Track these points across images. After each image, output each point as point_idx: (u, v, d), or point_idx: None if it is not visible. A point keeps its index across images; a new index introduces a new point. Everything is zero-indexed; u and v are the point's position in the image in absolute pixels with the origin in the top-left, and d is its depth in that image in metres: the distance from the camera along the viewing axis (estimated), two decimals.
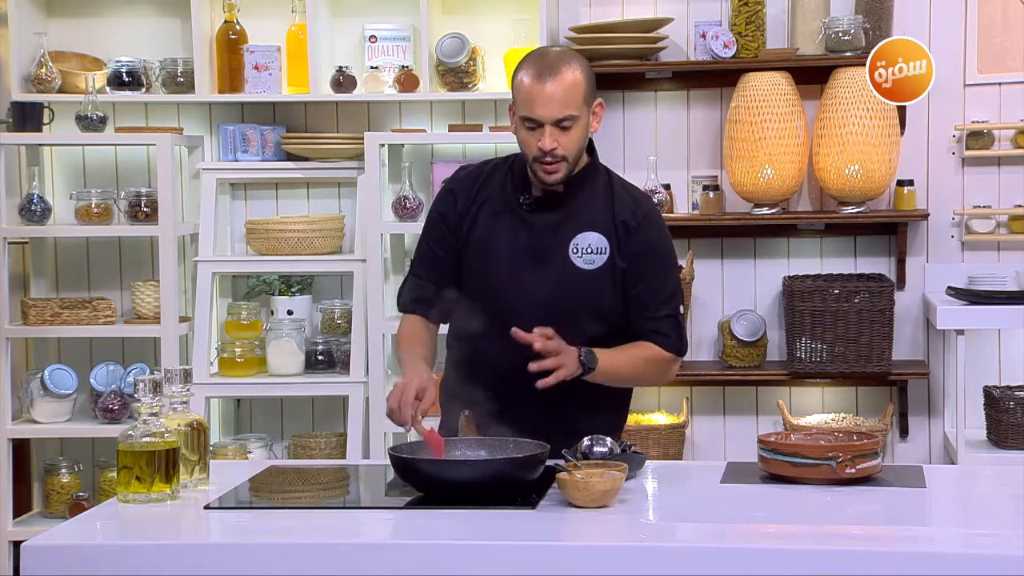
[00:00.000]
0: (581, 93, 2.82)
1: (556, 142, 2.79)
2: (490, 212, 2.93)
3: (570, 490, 2.42)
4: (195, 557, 2.29)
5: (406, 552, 2.27)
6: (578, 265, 2.87)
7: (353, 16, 4.82)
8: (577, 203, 2.90)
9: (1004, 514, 2.48)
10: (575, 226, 2.89)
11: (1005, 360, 4.67)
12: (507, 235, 2.90)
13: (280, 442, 4.89)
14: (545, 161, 2.81)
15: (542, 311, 2.82)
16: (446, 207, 2.99)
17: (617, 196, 2.93)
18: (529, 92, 2.80)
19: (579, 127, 2.83)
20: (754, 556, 2.17)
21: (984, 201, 4.65)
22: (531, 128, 2.81)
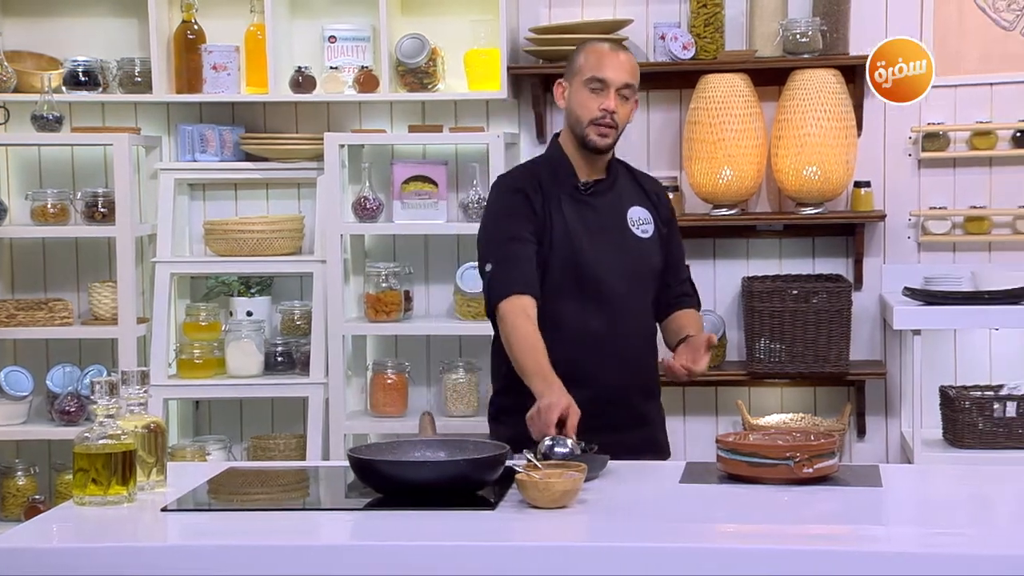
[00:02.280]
0: (638, 76, 3.18)
1: (617, 107, 3.09)
2: (559, 203, 3.16)
3: (529, 491, 2.43)
4: (152, 559, 2.28)
5: (365, 553, 2.26)
6: (638, 235, 3.20)
7: (312, 16, 4.81)
8: (618, 184, 3.24)
9: (960, 513, 2.51)
10: (626, 202, 3.22)
11: (961, 360, 4.71)
12: (579, 219, 3.14)
13: (239, 444, 4.87)
14: (603, 122, 3.09)
15: (625, 279, 3.15)
16: (526, 203, 3.14)
17: (638, 175, 3.33)
18: (602, 57, 3.11)
19: (631, 104, 3.15)
20: (712, 556, 2.18)
21: (940, 202, 4.69)
22: (596, 90, 3.09)
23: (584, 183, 3.19)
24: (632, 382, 3.17)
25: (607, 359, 3.11)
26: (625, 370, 3.14)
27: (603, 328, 3.10)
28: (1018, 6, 4.63)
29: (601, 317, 3.10)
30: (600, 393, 3.08)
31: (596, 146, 3.12)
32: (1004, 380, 4.56)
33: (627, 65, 3.12)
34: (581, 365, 3.08)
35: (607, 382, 3.11)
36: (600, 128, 3.09)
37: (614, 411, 3.11)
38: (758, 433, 2.82)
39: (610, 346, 3.11)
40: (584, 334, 3.09)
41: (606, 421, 3.06)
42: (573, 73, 3.16)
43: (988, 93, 4.64)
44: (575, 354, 3.07)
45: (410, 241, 4.85)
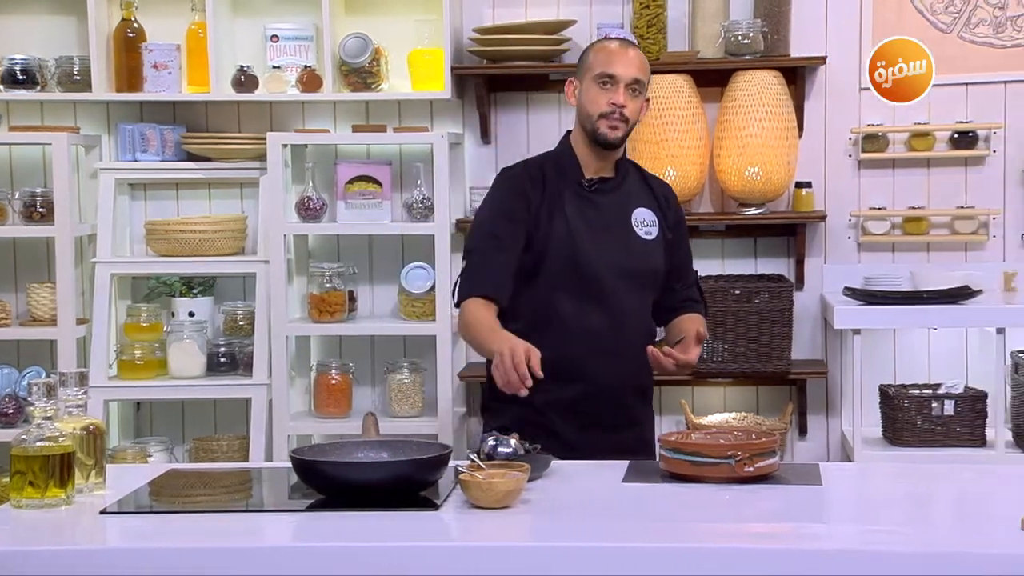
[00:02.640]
0: (648, 72, 3.19)
1: (626, 102, 3.10)
2: (562, 200, 3.16)
3: (473, 491, 2.42)
4: (90, 562, 2.25)
5: (308, 555, 2.25)
6: (641, 236, 3.20)
7: (254, 15, 4.78)
8: (626, 184, 3.24)
9: (899, 511, 2.54)
10: (632, 202, 3.22)
11: (900, 359, 4.76)
12: (582, 217, 3.15)
13: (181, 445, 4.83)
14: (613, 116, 3.10)
15: (625, 278, 3.15)
16: (518, 201, 3.15)
17: (649, 177, 3.33)
18: (612, 53, 3.14)
19: (641, 100, 3.16)
20: (654, 555, 2.18)
21: (879, 203, 4.75)
22: (605, 85, 3.11)
23: (589, 180, 3.19)
24: (626, 382, 3.17)
25: (602, 357, 3.11)
26: (620, 369, 3.14)
27: (600, 325, 3.10)
28: (955, 9, 4.69)
29: (598, 314, 3.10)
30: (593, 390, 3.11)
31: (607, 139, 3.13)
32: (942, 379, 4.62)
33: (636, 61, 3.14)
34: (575, 361, 3.09)
35: (601, 380, 3.12)
36: (610, 121, 3.11)
37: (606, 410, 3.14)
38: (700, 432, 2.84)
39: (606, 344, 3.11)
40: (580, 330, 3.09)
41: (597, 419, 3.11)
42: (583, 70, 3.17)
43: (926, 94, 4.69)
44: (570, 350, 3.08)
45: (354, 241, 4.83)
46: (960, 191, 4.73)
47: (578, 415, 3.11)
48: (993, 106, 4.67)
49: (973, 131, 4.67)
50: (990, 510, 2.51)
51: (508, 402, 3.09)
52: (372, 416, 2.89)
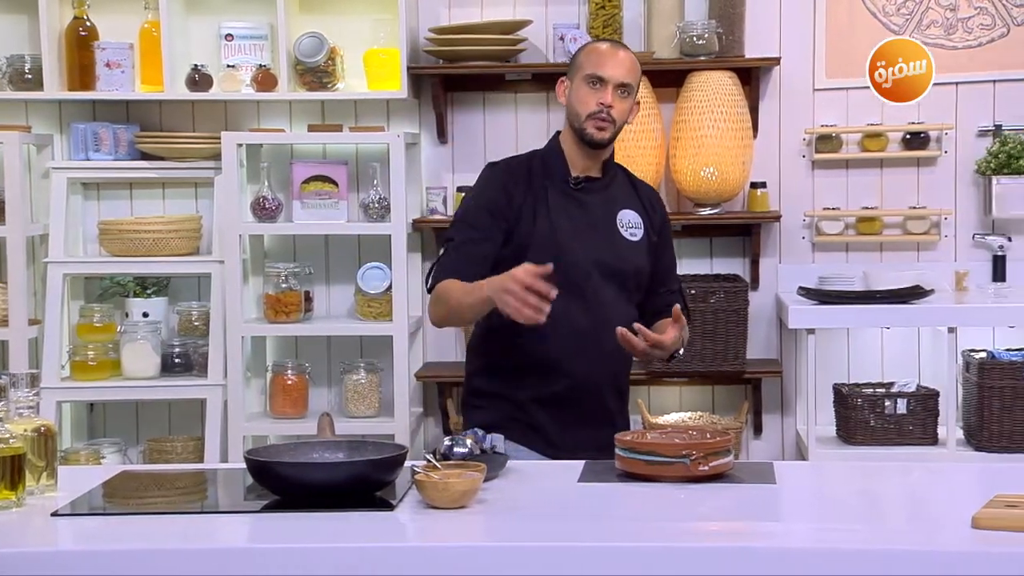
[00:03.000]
0: (638, 75, 3.21)
1: (614, 103, 3.13)
2: (547, 197, 3.16)
3: (428, 491, 2.42)
4: (42, 565, 2.23)
5: (262, 556, 2.24)
6: (626, 237, 3.21)
7: (208, 14, 4.75)
8: (613, 185, 3.26)
9: (852, 509, 2.55)
10: (618, 203, 3.24)
11: (854, 358, 4.80)
12: (566, 215, 3.16)
13: (135, 446, 4.80)
14: (600, 116, 3.13)
15: (608, 277, 3.15)
16: (499, 195, 3.15)
17: (636, 180, 3.34)
18: (602, 55, 3.17)
19: (630, 102, 3.18)
20: (609, 554, 2.19)
21: (833, 203, 4.78)
22: (594, 85, 3.13)
23: (575, 178, 3.19)
24: (606, 380, 3.18)
25: (584, 353, 3.11)
26: (601, 367, 3.14)
27: (582, 322, 3.10)
28: (907, 11, 4.73)
29: (580, 311, 3.10)
30: (575, 387, 3.12)
31: (593, 139, 3.14)
32: (895, 378, 4.66)
33: (626, 63, 3.16)
34: (558, 357, 3.10)
35: (583, 377, 3.12)
36: (597, 122, 3.13)
37: (587, 407, 3.14)
38: (656, 432, 2.84)
39: (588, 341, 3.11)
40: (564, 327, 3.07)
41: (579, 416, 3.11)
42: (574, 71, 3.19)
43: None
44: (552, 346, 3.08)
45: (310, 241, 4.82)
46: (912, 191, 4.77)
47: (561, 411, 3.12)
48: (944, 107, 4.72)
49: (925, 132, 4.72)
50: (942, 508, 2.53)
51: (490, 398, 3.14)
52: (328, 416, 2.88)
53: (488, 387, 3.19)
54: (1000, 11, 4.71)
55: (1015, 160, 4.60)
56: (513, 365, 3.14)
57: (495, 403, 3.14)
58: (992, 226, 4.75)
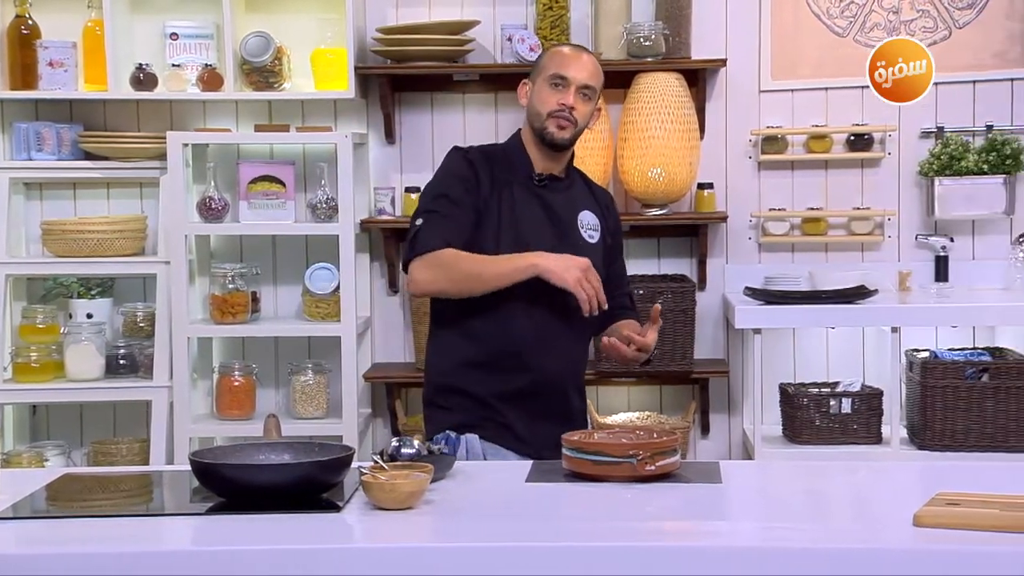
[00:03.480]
0: (601, 80, 3.23)
1: (576, 104, 3.13)
2: (511, 187, 3.16)
3: (375, 492, 2.41)
4: None
5: (207, 558, 2.22)
6: (585, 238, 3.22)
7: (153, 12, 4.72)
8: (573, 186, 3.28)
9: (797, 508, 2.57)
10: (578, 204, 3.25)
11: (799, 358, 4.84)
12: (529, 208, 3.16)
13: (79, 449, 4.75)
14: (562, 115, 3.13)
15: None
16: (470, 173, 3.14)
17: (593, 185, 3.37)
18: (566, 57, 3.18)
19: (592, 105, 3.20)
20: (556, 554, 2.19)
21: (779, 204, 4.82)
22: (557, 86, 3.14)
23: (539, 175, 3.19)
24: (568, 375, 3.20)
25: (548, 350, 3.12)
26: (563, 362, 3.17)
27: (547, 318, 3.10)
28: (851, 13, 4.78)
29: (544, 308, 3.09)
30: (540, 383, 3.13)
31: (554, 139, 3.14)
32: (840, 377, 4.70)
33: (589, 67, 3.17)
34: (524, 351, 3.11)
35: (547, 371, 3.13)
36: (559, 120, 3.12)
37: (551, 401, 3.15)
38: (603, 432, 2.85)
39: (552, 335, 3.12)
40: (528, 322, 3.10)
41: (543, 412, 3.12)
42: (537, 72, 3.19)
43: (823, 97, 4.78)
44: (518, 339, 3.10)
45: (257, 242, 4.79)
46: (856, 192, 4.82)
47: (526, 407, 3.12)
48: (887, 109, 4.76)
49: (868, 133, 4.76)
50: (885, 507, 2.56)
51: (458, 396, 3.13)
52: (274, 418, 2.86)
53: (453, 385, 3.16)
54: (942, 14, 4.76)
55: (957, 162, 4.66)
56: (478, 361, 3.13)
57: (463, 403, 3.13)
58: (935, 227, 4.80)
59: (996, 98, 4.72)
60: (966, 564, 2.12)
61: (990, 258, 4.79)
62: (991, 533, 2.18)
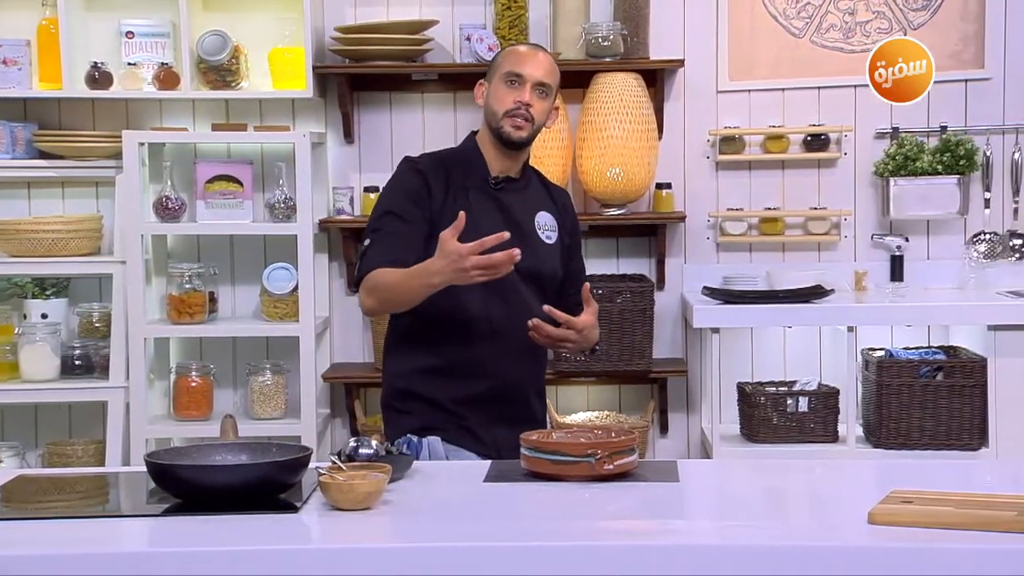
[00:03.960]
0: (557, 78, 3.20)
1: (532, 101, 3.11)
2: (465, 193, 3.13)
3: (333, 493, 2.41)
4: None
5: (162, 559, 2.21)
6: (543, 239, 3.20)
7: (108, 10, 4.68)
8: (530, 187, 3.25)
9: (754, 506, 2.59)
10: (535, 205, 3.22)
11: (757, 357, 4.86)
12: (486, 212, 3.12)
13: (34, 450, 4.71)
14: (518, 113, 3.10)
15: (528, 280, 3.13)
16: (420, 186, 3.11)
17: (550, 185, 3.33)
18: (522, 55, 3.16)
19: (548, 103, 3.16)
20: (514, 554, 2.19)
21: (736, 204, 4.84)
22: (513, 84, 3.11)
23: (495, 178, 3.16)
24: (527, 379, 3.18)
25: (507, 352, 3.09)
26: (522, 365, 3.14)
27: (506, 323, 3.07)
28: (807, 14, 4.81)
29: (502, 313, 3.08)
30: (499, 387, 3.11)
31: (511, 138, 3.11)
32: (797, 376, 4.73)
33: (545, 64, 3.14)
34: (482, 355, 3.09)
35: (506, 375, 3.11)
36: (515, 119, 3.10)
37: (511, 406, 3.13)
38: (561, 431, 2.85)
39: (510, 339, 3.08)
40: (485, 327, 3.07)
41: (505, 416, 3.09)
42: (493, 71, 3.16)
43: (780, 98, 4.81)
44: (476, 344, 3.07)
45: (215, 241, 4.77)
46: (813, 192, 4.85)
47: (486, 411, 3.10)
48: (843, 109, 4.80)
49: (825, 134, 4.80)
50: (840, 505, 2.57)
51: (417, 401, 3.09)
52: (231, 418, 2.85)
53: (411, 390, 3.13)
54: (897, 15, 4.80)
55: (912, 162, 4.70)
56: (436, 367, 3.11)
57: (423, 407, 3.10)
58: (890, 227, 4.84)
59: (950, 99, 4.77)
60: (920, 561, 2.14)
61: (944, 258, 4.83)
62: (944, 531, 2.20)
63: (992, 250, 4.80)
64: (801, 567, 2.16)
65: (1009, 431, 4.40)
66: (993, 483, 2.75)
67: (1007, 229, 4.82)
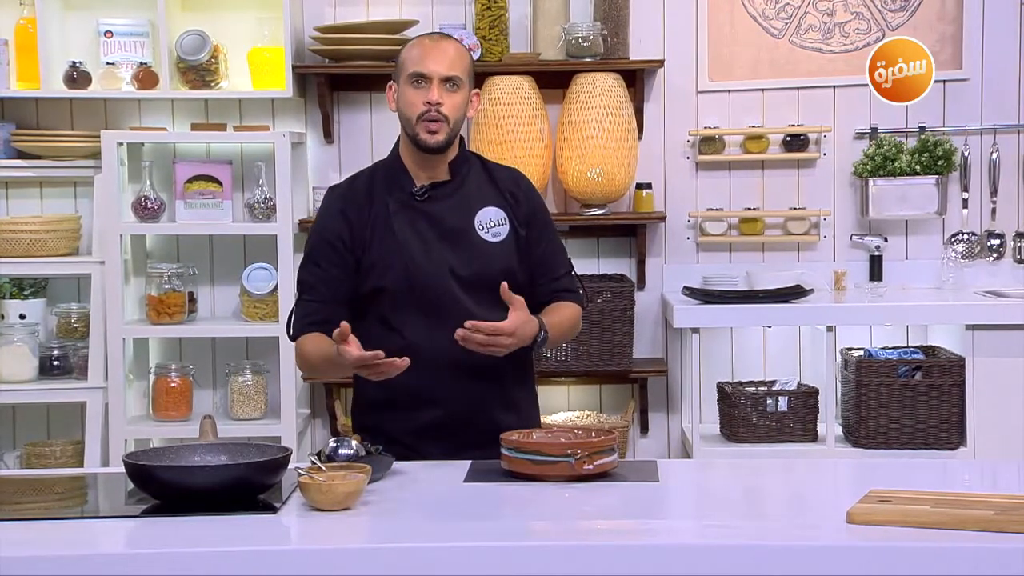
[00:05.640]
0: (466, 64, 2.96)
1: (442, 99, 2.89)
2: (389, 214, 2.96)
3: (312, 493, 2.40)
4: None
5: (141, 560, 2.20)
6: (487, 239, 2.97)
7: (87, 10, 4.67)
8: (466, 184, 3.00)
9: (733, 506, 2.59)
10: (474, 204, 2.99)
11: (737, 357, 4.87)
12: (413, 228, 2.95)
13: (12, 451, 4.69)
14: (429, 117, 2.89)
15: (469, 288, 2.92)
16: (338, 225, 2.96)
17: (494, 172, 3.06)
18: (422, 51, 2.92)
19: (462, 95, 2.94)
20: (494, 554, 2.19)
21: (716, 204, 4.85)
22: (419, 85, 2.90)
23: (419, 189, 2.96)
24: (487, 397, 2.95)
25: (454, 376, 2.90)
26: (476, 386, 2.93)
27: (444, 345, 2.85)
28: (787, 15, 4.83)
29: (442, 334, 2.85)
30: (453, 413, 2.92)
31: (427, 144, 2.90)
32: (776, 376, 4.74)
33: (449, 54, 2.90)
34: (425, 385, 2.90)
35: (458, 401, 2.92)
36: (427, 124, 2.88)
37: (471, 430, 2.92)
38: (541, 431, 2.85)
39: (457, 362, 2.88)
40: (424, 354, 2.86)
41: (466, 440, 2.91)
42: (398, 72, 2.95)
43: (760, 98, 4.82)
44: (421, 373, 2.86)
45: (194, 241, 4.75)
46: (792, 192, 4.86)
47: (448, 441, 2.92)
48: (822, 110, 4.82)
49: (804, 134, 4.81)
50: (819, 504, 2.58)
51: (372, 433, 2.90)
52: (210, 419, 2.84)
53: (367, 425, 3.00)
54: (876, 16, 4.82)
55: (890, 162, 4.72)
56: (381, 400, 2.97)
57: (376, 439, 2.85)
58: (869, 227, 4.86)
59: (928, 100, 4.78)
60: (898, 560, 2.14)
61: (923, 258, 4.85)
62: (922, 530, 2.21)
63: (970, 250, 4.82)
64: (780, 566, 2.16)
65: (987, 430, 4.42)
66: (971, 482, 2.76)
67: (985, 229, 4.85)
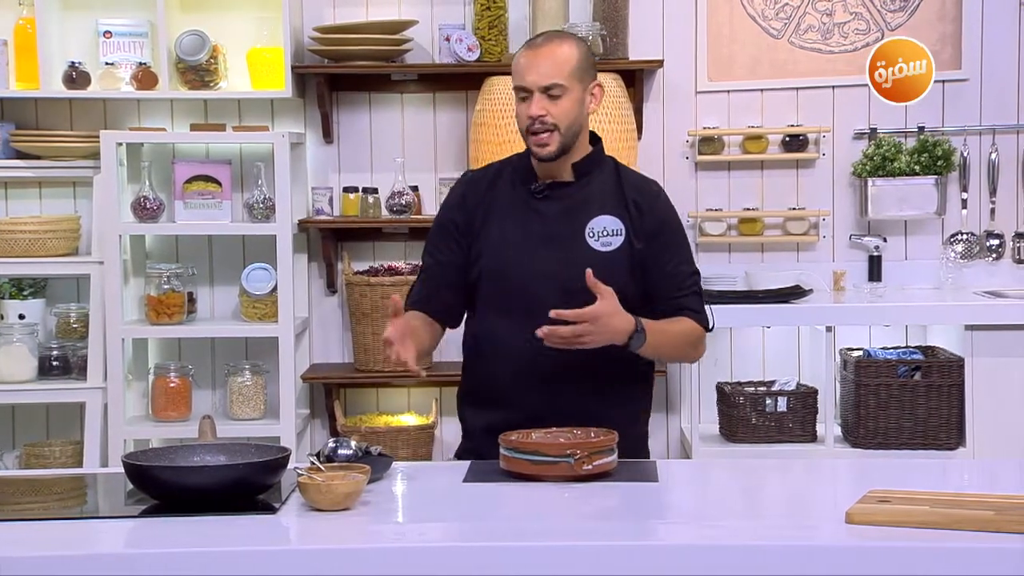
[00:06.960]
0: (570, 66, 2.88)
1: (544, 109, 2.85)
2: (503, 209, 2.95)
3: (311, 493, 2.41)
4: None
5: (140, 560, 2.21)
6: (595, 248, 2.89)
7: (86, 10, 4.67)
8: (588, 188, 2.95)
9: (732, 506, 2.59)
10: (589, 210, 2.92)
11: (736, 357, 4.87)
12: (521, 226, 2.92)
13: (11, 452, 4.69)
14: (535, 130, 2.86)
15: (563, 295, 2.79)
16: (456, 209, 3.00)
17: (625, 179, 2.99)
18: (520, 66, 2.89)
19: (570, 99, 2.88)
20: (493, 554, 2.20)
21: (715, 204, 4.85)
22: (523, 98, 2.88)
23: (537, 186, 2.93)
24: (554, 407, 2.84)
25: (526, 380, 2.86)
26: (546, 393, 2.86)
27: (520, 345, 2.82)
28: (786, 15, 4.83)
29: (525, 335, 2.78)
30: (514, 417, 2.82)
31: (539, 156, 2.88)
32: (776, 376, 4.74)
33: (547, 63, 2.85)
34: (499, 385, 2.90)
35: (529, 406, 2.85)
36: (535, 137, 2.86)
37: None
38: (540, 432, 2.85)
39: (534, 367, 2.84)
40: (505, 351, 2.87)
41: None
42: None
43: (759, 98, 4.82)
44: (496, 373, 2.89)
45: (193, 242, 4.75)
46: (792, 193, 4.86)
47: None
48: (822, 110, 4.82)
49: (803, 134, 4.81)
50: (818, 504, 2.59)
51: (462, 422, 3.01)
52: (209, 419, 2.84)
53: (458, 413, 3.04)
54: (875, 16, 4.82)
55: (889, 162, 4.72)
56: (465, 390, 3.01)
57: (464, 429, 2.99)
58: (868, 227, 4.86)
59: (928, 100, 4.78)
60: (897, 561, 2.15)
61: (922, 258, 4.85)
62: (921, 530, 2.21)
63: (969, 250, 4.82)
64: (779, 566, 2.16)
65: (986, 431, 4.42)
66: (970, 482, 2.77)
67: (984, 229, 4.85)
